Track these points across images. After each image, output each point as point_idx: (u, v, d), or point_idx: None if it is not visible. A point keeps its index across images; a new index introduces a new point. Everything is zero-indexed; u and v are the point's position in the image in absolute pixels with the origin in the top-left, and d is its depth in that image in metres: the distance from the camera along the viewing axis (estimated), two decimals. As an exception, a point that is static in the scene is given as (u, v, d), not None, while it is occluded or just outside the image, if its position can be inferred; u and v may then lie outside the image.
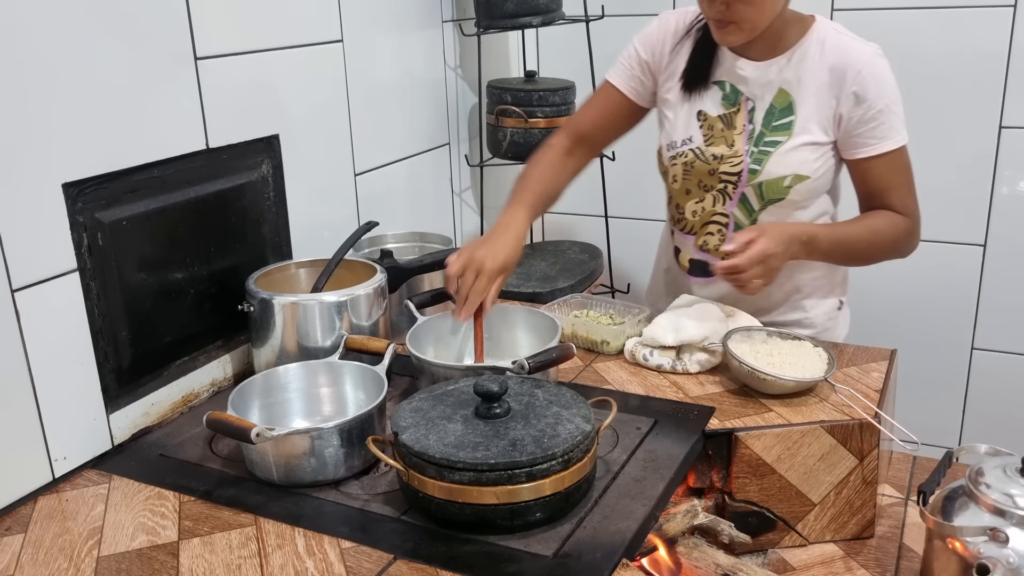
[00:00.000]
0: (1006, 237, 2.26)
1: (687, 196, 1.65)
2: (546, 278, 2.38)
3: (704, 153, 1.60)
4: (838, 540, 1.39)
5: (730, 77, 1.58)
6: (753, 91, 1.57)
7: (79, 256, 1.32)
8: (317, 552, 1.12)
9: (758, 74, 1.56)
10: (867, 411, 1.37)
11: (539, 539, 1.12)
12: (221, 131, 1.54)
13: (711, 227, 1.64)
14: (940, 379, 2.40)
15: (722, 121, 1.59)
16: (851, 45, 1.53)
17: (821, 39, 1.53)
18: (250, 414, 1.33)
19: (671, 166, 1.65)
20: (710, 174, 1.60)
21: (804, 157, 1.55)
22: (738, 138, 1.57)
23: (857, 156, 1.55)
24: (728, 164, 1.58)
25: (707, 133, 1.60)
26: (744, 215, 1.61)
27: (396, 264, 1.71)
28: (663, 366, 1.54)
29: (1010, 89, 2.17)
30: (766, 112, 1.56)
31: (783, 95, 1.55)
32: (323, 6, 1.79)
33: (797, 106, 1.55)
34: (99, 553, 1.14)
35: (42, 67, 1.24)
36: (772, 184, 1.56)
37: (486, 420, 1.18)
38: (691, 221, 1.66)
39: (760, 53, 1.55)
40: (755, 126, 1.57)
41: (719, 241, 1.64)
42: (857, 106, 1.51)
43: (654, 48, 1.64)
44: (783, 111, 1.55)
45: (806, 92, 1.54)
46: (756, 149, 1.56)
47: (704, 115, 1.60)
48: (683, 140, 1.62)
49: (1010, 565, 1.05)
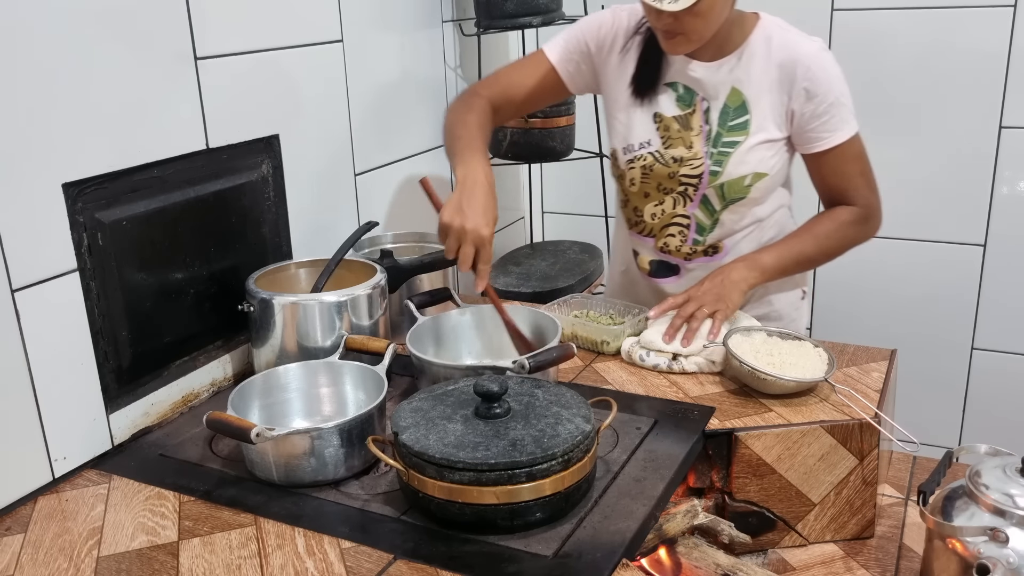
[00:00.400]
0: (1006, 237, 2.26)
1: (646, 199, 1.65)
2: (546, 278, 2.38)
3: (664, 156, 1.60)
4: (838, 540, 1.39)
5: (682, 79, 1.58)
6: (707, 92, 1.57)
7: (79, 256, 1.32)
8: (317, 552, 1.12)
9: (709, 75, 1.56)
10: (867, 411, 1.37)
11: (539, 539, 1.12)
12: (221, 131, 1.54)
13: (672, 229, 1.65)
14: (940, 379, 2.40)
15: (678, 122, 1.58)
16: (797, 41, 1.55)
17: (767, 36, 1.54)
18: (250, 414, 1.33)
19: (628, 169, 1.64)
20: (670, 177, 1.60)
21: (762, 155, 1.56)
22: (696, 139, 1.58)
23: (813, 151, 1.57)
24: (688, 167, 1.58)
25: (664, 135, 1.59)
26: (705, 215, 1.62)
27: (396, 264, 1.71)
28: (659, 366, 1.54)
29: (1010, 89, 2.17)
30: (721, 112, 1.57)
31: (736, 94, 1.56)
32: (323, 6, 1.79)
33: (751, 104, 1.56)
34: (99, 553, 1.14)
35: (42, 67, 1.24)
36: (733, 184, 1.57)
37: (486, 420, 1.18)
38: (650, 224, 1.66)
39: (709, 55, 1.55)
40: (712, 126, 1.57)
41: (680, 242, 1.65)
42: (808, 101, 1.53)
43: (603, 42, 1.63)
44: (737, 110, 1.56)
45: (758, 90, 1.55)
46: (715, 150, 1.57)
47: (660, 117, 1.60)
48: (640, 143, 1.61)
49: (1010, 565, 1.05)
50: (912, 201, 2.32)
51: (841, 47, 2.28)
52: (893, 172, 2.31)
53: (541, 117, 2.28)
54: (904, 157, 2.30)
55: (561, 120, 2.31)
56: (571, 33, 1.66)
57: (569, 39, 1.65)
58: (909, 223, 2.34)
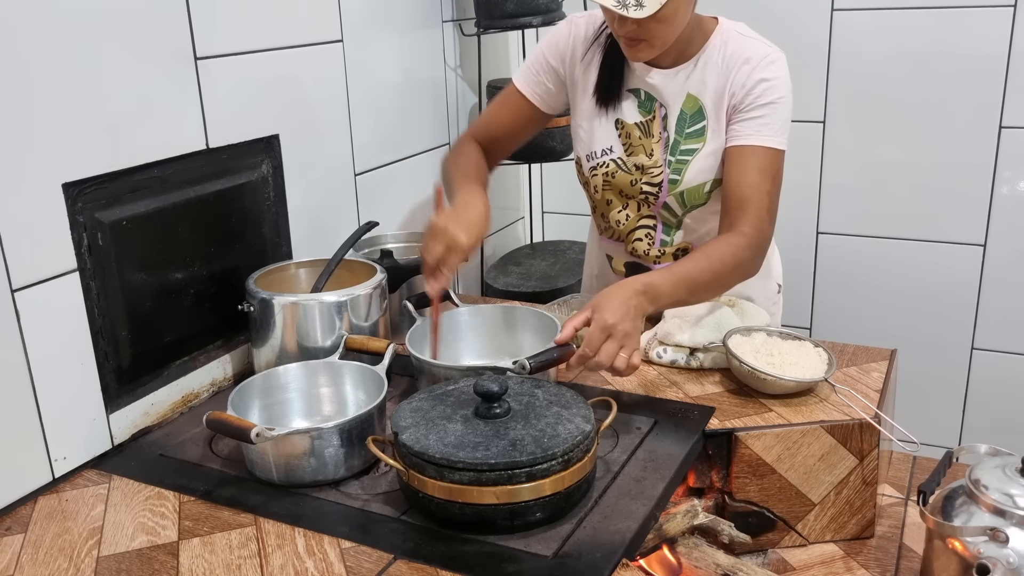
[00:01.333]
0: (1006, 237, 2.26)
1: (609, 206, 1.66)
2: (546, 278, 2.38)
3: (626, 163, 1.60)
4: (838, 540, 1.39)
5: (642, 85, 1.58)
6: (664, 98, 1.57)
7: (79, 256, 1.32)
8: (317, 552, 1.12)
9: (666, 81, 1.55)
10: (867, 411, 1.37)
11: (539, 539, 1.12)
12: (221, 131, 1.54)
13: (639, 232, 1.65)
14: (940, 379, 2.40)
15: (639, 129, 1.58)
16: (751, 45, 1.52)
17: (723, 42, 1.53)
18: (250, 414, 1.33)
19: (591, 177, 1.64)
20: (631, 184, 1.61)
21: (719, 161, 1.55)
22: (656, 146, 1.58)
23: (730, 143, 1.51)
24: (648, 176, 1.58)
25: (626, 142, 1.60)
26: (668, 218, 1.62)
27: (396, 264, 1.71)
28: (677, 362, 1.54)
29: (1010, 89, 2.17)
30: (678, 119, 1.56)
31: (692, 100, 1.55)
32: (323, 6, 1.79)
33: (707, 110, 1.54)
34: (99, 553, 1.14)
35: (42, 67, 1.24)
36: (693, 192, 1.57)
37: (486, 420, 1.18)
38: (618, 229, 1.67)
39: (669, 61, 1.55)
40: (669, 134, 1.57)
41: (648, 246, 1.66)
42: (747, 96, 1.49)
43: (563, 55, 1.63)
44: (694, 117, 1.55)
45: (712, 95, 1.53)
46: (674, 158, 1.57)
47: (622, 123, 1.60)
48: (603, 150, 1.61)
49: (1010, 565, 1.05)
50: (912, 201, 2.32)
51: (841, 47, 2.28)
52: (893, 172, 2.32)
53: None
54: (904, 157, 2.30)
55: (561, 120, 2.29)
56: (533, 56, 1.66)
57: (532, 62, 1.66)
58: (909, 223, 2.34)
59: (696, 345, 1.53)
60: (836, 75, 2.31)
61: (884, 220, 2.36)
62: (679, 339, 1.54)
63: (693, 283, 1.42)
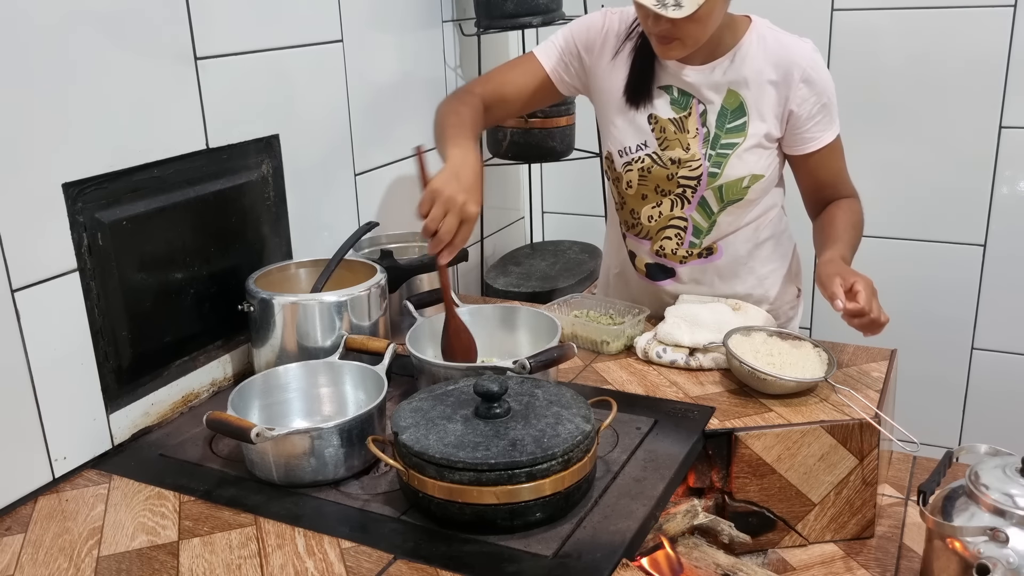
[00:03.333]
0: (1006, 237, 2.26)
1: (643, 201, 1.65)
2: (546, 278, 2.38)
3: (662, 158, 1.60)
4: (838, 540, 1.39)
5: (676, 82, 1.58)
6: (703, 95, 1.57)
7: (79, 256, 1.32)
8: (317, 552, 1.12)
9: (703, 78, 1.56)
10: (867, 411, 1.37)
11: (539, 539, 1.12)
12: (221, 131, 1.54)
13: (668, 231, 1.65)
14: (940, 379, 2.40)
15: (674, 124, 1.59)
16: (791, 42, 1.55)
17: (760, 37, 1.55)
18: (250, 414, 1.33)
19: (625, 172, 1.64)
20: (668, 179, 1.60)
21: (759, 156, 1.57)
22: (693, 141, 1.58)
23: (807, 151, 1.59)
24: (687, 168, 1.58)
25: (660, 137, 1.60)
26: (703, 218, 1.62)
27: (396, 264, 1.71)
28: (677, 362, 1.54)
29: (1010, 89, 2.17)
30: (718, 115, 1.57)
31: (733, 96, 1.56)
32: (323, 6, 1.79)
33: (748, 106, 1.56)
34: (99, 553, 1.14)
35: (42, 67, 1.24)
36: (731, 186, 1.58)
37: (486, 420, 1.18)
38: (647, 226, 1.66)
39: (701, 59, 1.56)
40: (709, 129, 1.57)
41: (676, 245, 1.65)
42: (806, 102, 1.54)
43: (593, 46, 1.63)
44: (735, 112, 1.56)
45: (755, 91, 1.55)
46: (714, 152, 1.57)
47: (655, 119, 1.60)
48: (638, 145, 1.61)
49: (1010, 565, 1.05)
50: (912, 201, 2.32)
51: (841, 47, 2.28)
52: (893, 172, 2.32)
53: (541, 117, 2.28)
54: (904, 157, 2.30)
55: (561, 120, 2.31)
56: (561, 36, 1.66)
57: (559, 42, 1.66)
58: (909, 223, 2.34)
59: (696, 345, 1.53)
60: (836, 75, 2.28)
61: (884, 220, 2.36)
62: (679, 339, 1.54)
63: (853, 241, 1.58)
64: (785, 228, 1.74)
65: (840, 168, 1.63)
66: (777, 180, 1.65)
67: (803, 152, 1.59)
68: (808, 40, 1.57)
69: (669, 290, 1.70)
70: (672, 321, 1.57)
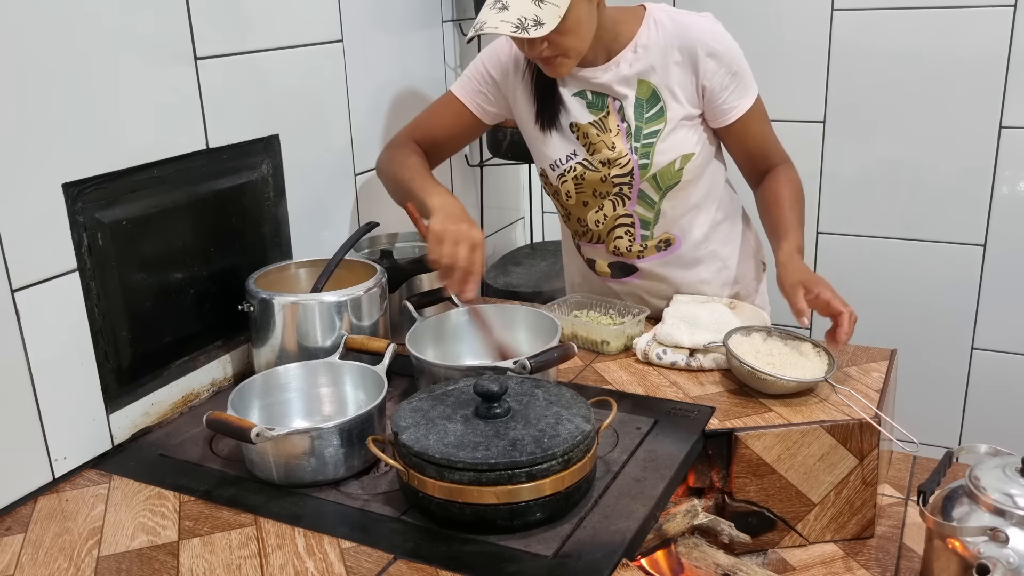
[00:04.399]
0: (1006, 237, 2.26)
1: (586, 208, 1.66)
2: (546, 278, 2.38)
3: (592, 162, 1.61)
4: (838, 540, 1.39)
5: (587, 86, 1.60)
6: (615, 91, 1.58)
7: (79, 256, 1.32)
8: (317, 552, 1.12)
9: (611, 76, 1.57)
10: (867, 411, 1.37)
11: (539, 539, 1.12)
12: (221, 131, 1.54)
13: (618, 231, 1.66)
14: (940, 379, 2.40)
15: (595, 127, 1.60)
16: (689, 20, 1.57)
17: (657, 22, 1.56)
18: (250, 414, 1.33)
19: (561, 184, 1.65)
20: (602, 181, 1.62)
21: (683, 136, 1.58)
22: (617, 139, 1.59)
23: (728, 121, 1.59)
24: (617, 167, 1.60)
25: (585, 142, 1.61)
26: (646, 209, 1.63)
27: (396, 264, 1.71)
28: (677, 363, 1.54)
29: (1010, 89, 2.16)
30: (635, 106, 1.58)
31: (644, 85, 1.58)
32: (323, 6, 1.79)
33: (661, 91, 1.57)
34: (99, 553, 1.14)
35: (42, 67, 1.24)
36: (664, 172, 1.59)
37: (486, 420, 1.18)
38: (596, 231, 1.68)
39: (603, 58, 1.57)
40: (629, 123, 1.59)
41: (629, 242, 1.67)
42: (715, 74, 1.55)
43: (506, 69, 1.65)
44: (650, 100, 1.58)
45: (664, 75, 1.56)
46: (639, 144, 1.58)
47: (576, 126, 1.61)
48: (567, 156, 1.63)
49: (1010, 565, 1.05)
50: (912, 201, 2.32)
51: (841, 47, 2.28)
52: (893, 172, 2.32)
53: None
54: (904, 157, 2.30)
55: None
56: (474, 67, 1.68)
57: (474, 74, 1.68)
58: (909, 223, 2.34)
59: (696, 346, 1.53)
60: (836, 75, 2.31)
61: (884, 220, 2.36)
62: (679, 340, 1.54)
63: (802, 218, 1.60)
64: (738, 206, 1.76)
65: (766, 132, 1.64)
66: (712, 155, 1.66)
67: (726, 123, 1.60)
68: (707, 14, 1.59)
69: (637, 285, 1.73)
70: (671, 322, 1.57)
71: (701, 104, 1.59)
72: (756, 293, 1.80)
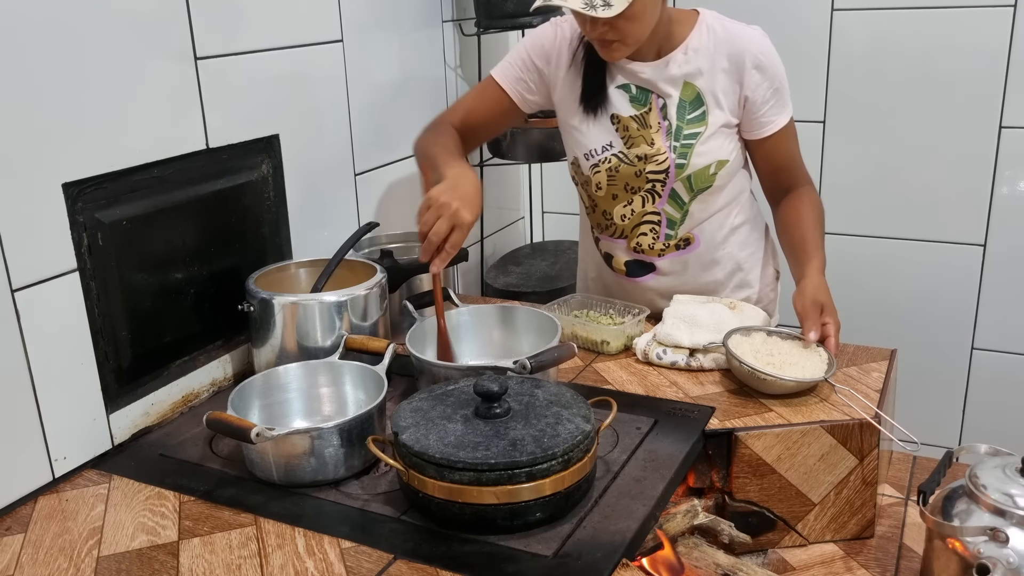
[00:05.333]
0: (1006, 237, 2.26)
1: (614, 201, 1.67)
2: (546, 278, 2.38)
3: (628, 155, 1.62)
4: (838, 540, 1.39)
5: (633, 79, 1.61)
6: (660, 89, 1.60)
7: (79, 256, 1.32)
8: (317, 552, 1.12)
9: (658, 73, 1.59)
10: (867, 411, 1.37)
11: (539, 539, 1.12)
12: (221, 131, 1.54)
13: (643, 227, 1.67)
14: (940, 379, 2.40)
15: (636, 122, 1.61)
16: (740, 30, 1.59)
17: (710, 28, 1.58)
18: (250, 414, 1.33)
19: (593, 174, 1.66)
20: (636, 176, 1.62)
21: (721, 143, 1.60)
22: (656, 136, 1.60)
23: (763, 135, 1.61)
24: (654, 163, 1.61)
25: (624, 135, 1.62)
26: (675, 209, 1.64)
27: (396, 264, 1.71)
28: (677, 363, 1.54)
29: (1010, 89, 2.17)
30: (678, 107, 1.60)
31: (689, 88, 1.59)
32: (323, 6, 1.79)
33: (705, 96, 1.59)
34: (99, 553, 1.14)
35: (43, 67, 1.24)
36: (699, 174, 1.60)
37: (486, 420, 1.18)
38: (621, 225, 1.68)
39: (653, 54, 1.59)
40: (671, 121, 1.60)
41: (652, 240, 1.67)
42: (759, 87, 1.57)
43: (548, 56, 1.66)
44: (693, 103, 1.59)
45: (709, 81, 1.58)
46: (678, 144, 1.59)
47: (618, 118, 1.62)
48: (602, 147, 1.63)
49: (1010, 565, 1.05)
50: (912, 201, 2.32)
51: (841, 47, 2.28)
52: (893, 172, 2.32)
53: (541, 117, 2.27)
54: (905, 157, 2.30)
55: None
56: (517, 54, 1.68)
57: (516, 60, 1.68)
58: (909, 223, 2.34)
59: (696, 346, 1.53)
60: (836, 75, 2.31)
61: (884, 220, 2.36)
62: (679, 340, 1.54)
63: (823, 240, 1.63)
64: (757, 212, 1.77)
65: (795, 152, 1.66)
66: (742, 164, 1.68)
67: (759, 136, 1.62)
68: (756, 27, 1.61)
69: (651, 286, 1.72)
70: (671, 322, 1.57)
71: (740, 114, 1.60)
72: (769, 299, 1.80)
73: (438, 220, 1.38)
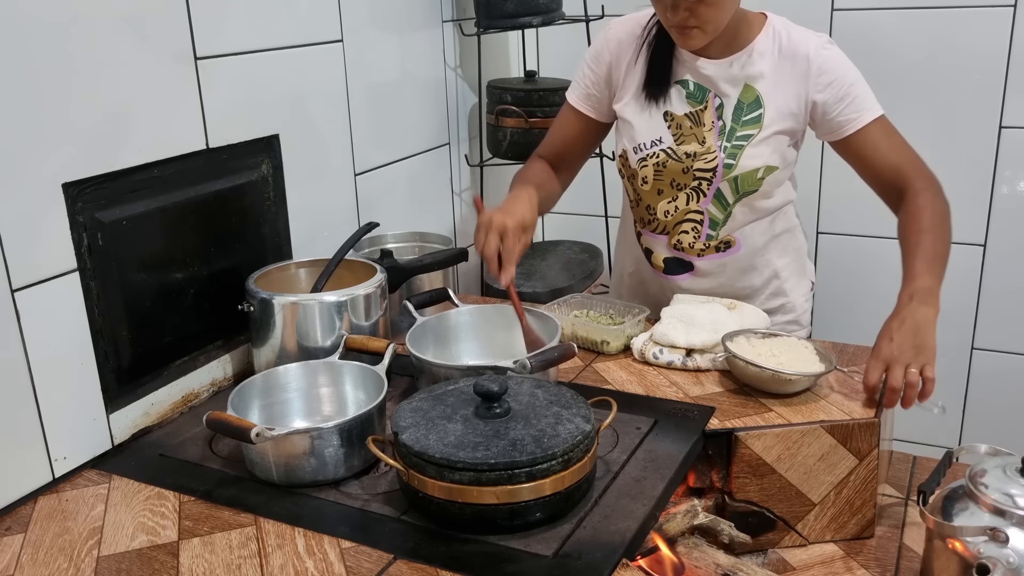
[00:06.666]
0: (1006, 237, 2.26)
1: (659, 196, 1.67)
2: (546, 278, 2.38)
3: (676, 152, 1.62)
4: (838, 540, 1.39)
5: (693, 75, 1.61)
6: (719, 88, 1.60)
7: (79, 256, 1.32)
8: (317, 552, 1.12)
9: (721, 72, 1.59)
10: (867, 411, 1.37)
11: (539, 539, 1.12)
12: (221, 131, 1.54)
13: (685, 225, 1.66)
14: (940, 379, 2.39)
15: (690, 119, 1.61)
16: (805, 36, 1.60)
17: (775, 32, 1.59)
18: (250, 414, 1.33)
19: (640, 168, 1.66)
20: (683, 172, 1.62)
21: (773, 148, 1.60)
22: (708, 135, 1.60)
23: (845, 134, 1.58)
24: (702, 161, 1.60)
25: (676, 132, 1.62)
26: (718, 209, 1.64)
27: (396, 264, 1.71)
28: (674, 363, 1.54)
29: (1010, 89, 2.16)
30: (735, 108, 1.60)
31: (749, 90, 1.59)
32: (323, 6, 1.79)
33: (764, 99, 1.58)
34: (99, 553, 1.14)
35: (42, 67, 1.24)
36: (746, 177, 1.60)
37: (486, 420, 1.18)
38: (664, 221, 1.68)
39: (718, 51, 1.59)
40: (725, 122, 1.60)
41: (693, 239, 1.67)
42: (828, 87, 1.56)
43: (607, 62, 1.67)
44: (751, 105, 1.59)
45: (771, 84, 1.58)
46: (729, 144, 1.59)
47: (671, 115, 1.62)
48: (652, 141, 1.63)
49: (1010, 565, 1.05)
50: (912, 201, 2.32)
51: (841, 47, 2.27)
52: (893, 172, 2.31)
53: (541, 117, 2.28)
54: (904, 157, 2.30)
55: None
56: (581, 72, 1.71)
57: (581, 78, 1.71)
58: (909, 223, 2.33)
59: (691, 346, 1.53)
60: (836, 75, 2.30)
61: (884, 220, 2.35)
62: (674, 339, 1.54)
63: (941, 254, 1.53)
64: (798, 224, 1.77)
65: (896, 144, 1.58)
66: (790, 175, 1.68)
67: (842, 136, 1.58)
68: (823, 34, 1.61)
69: (686, 286, 1.72)
70: (668, 321, 1.56)
71: (807, 119, 1.59)
72: (803, 309, 1.79)
73: (488, 236, 1.44)
